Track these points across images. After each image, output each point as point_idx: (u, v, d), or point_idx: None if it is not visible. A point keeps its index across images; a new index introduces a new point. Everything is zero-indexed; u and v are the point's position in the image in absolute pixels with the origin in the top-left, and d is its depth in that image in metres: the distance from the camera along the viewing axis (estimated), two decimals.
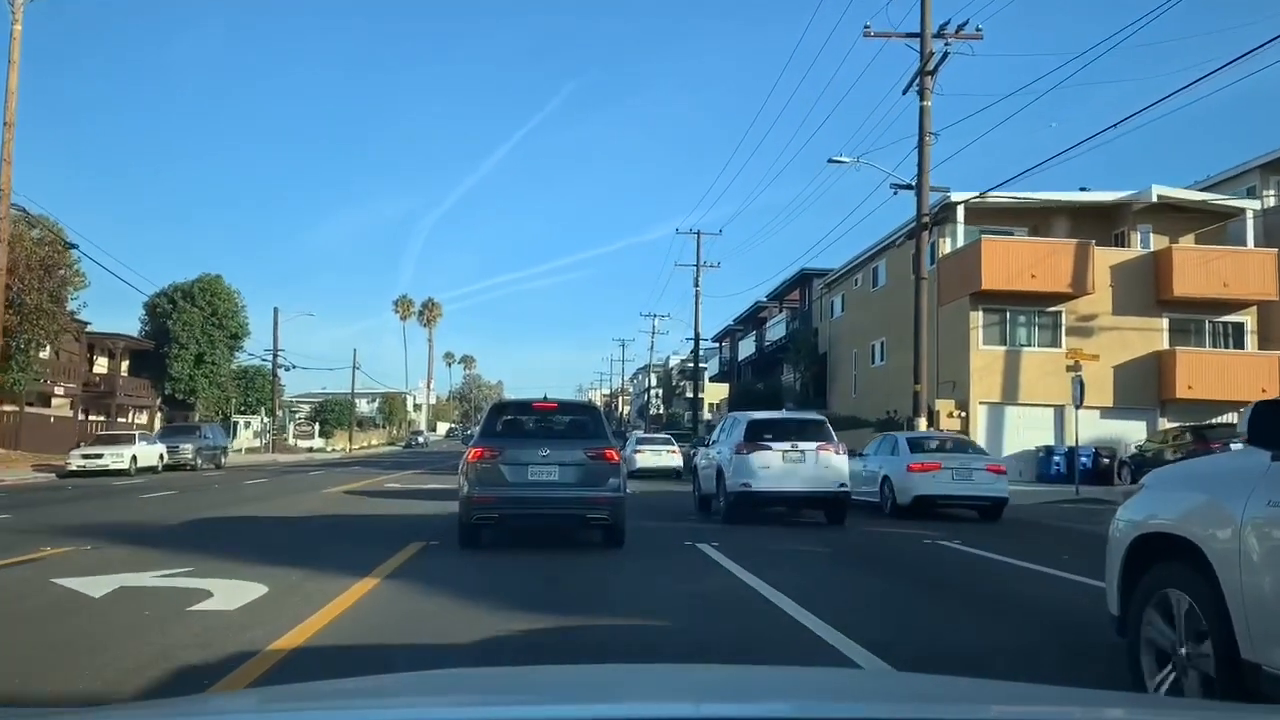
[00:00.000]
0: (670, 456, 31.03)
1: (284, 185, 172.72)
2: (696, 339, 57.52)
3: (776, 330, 49.41)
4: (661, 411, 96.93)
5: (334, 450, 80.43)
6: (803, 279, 46.32)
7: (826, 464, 14.37)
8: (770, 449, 14.32)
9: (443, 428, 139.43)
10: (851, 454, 16.36)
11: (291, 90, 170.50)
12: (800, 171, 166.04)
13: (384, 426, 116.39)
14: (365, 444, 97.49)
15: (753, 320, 59.51)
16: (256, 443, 65.63)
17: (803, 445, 14.39)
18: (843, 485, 14.47)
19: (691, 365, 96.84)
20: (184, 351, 48.60)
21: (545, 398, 11.99)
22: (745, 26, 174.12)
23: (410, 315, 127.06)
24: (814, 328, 42.91)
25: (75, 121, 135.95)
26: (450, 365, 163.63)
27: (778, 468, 14.25)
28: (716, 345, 73.21)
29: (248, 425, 67.06)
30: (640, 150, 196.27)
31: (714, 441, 16.87)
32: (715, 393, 73.76)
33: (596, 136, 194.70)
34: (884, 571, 9.91)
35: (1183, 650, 3.79)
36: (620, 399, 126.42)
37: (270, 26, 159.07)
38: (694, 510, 16.99)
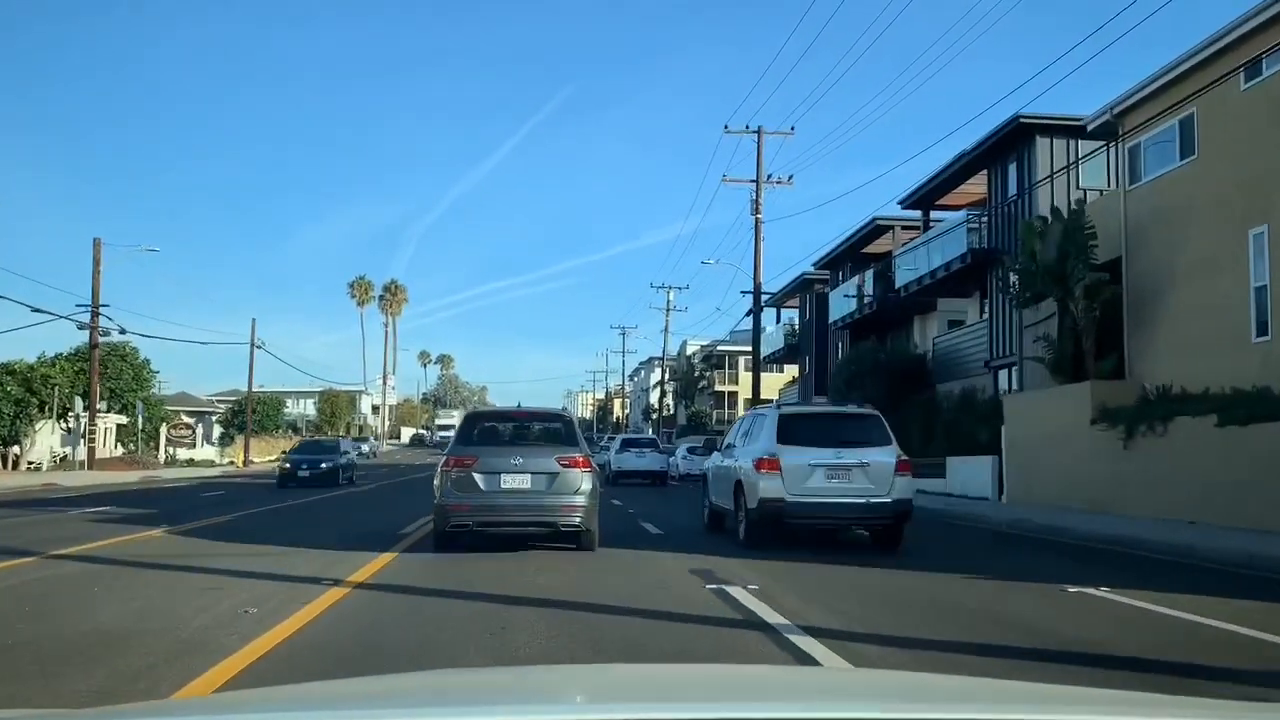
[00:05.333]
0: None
1: (266, 192, 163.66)
2: (757, 292, 34.33)
3: (939, 252, 26.14)
4: (673, 411, 73.46)
5: (226, 463, 57.21)
6: (1013, 137, 23.31)
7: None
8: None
9: (407, 433, 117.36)
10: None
11: (275, 97, 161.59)
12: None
13: (325, 431, 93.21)
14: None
15: (849, 258, 36.34)
16: (67, 450, 42.39)
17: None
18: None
19: (730, 348, 73.55)
20: None
21: (519, 406, 13.67)
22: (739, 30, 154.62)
23: (369, 300, 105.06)
24: (1081, 225, 19.56)
25: (63, 125, 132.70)
26: (426, 365, 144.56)
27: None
28: (774, 313, 49.54)
29: (62, 425, 43.80)
30: (635, 157, 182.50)
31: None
32: (769, 384, 49.75)
33: (590, 142, 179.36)
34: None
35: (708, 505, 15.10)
36: (620, 400, 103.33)
37: (256, 32, 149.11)
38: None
